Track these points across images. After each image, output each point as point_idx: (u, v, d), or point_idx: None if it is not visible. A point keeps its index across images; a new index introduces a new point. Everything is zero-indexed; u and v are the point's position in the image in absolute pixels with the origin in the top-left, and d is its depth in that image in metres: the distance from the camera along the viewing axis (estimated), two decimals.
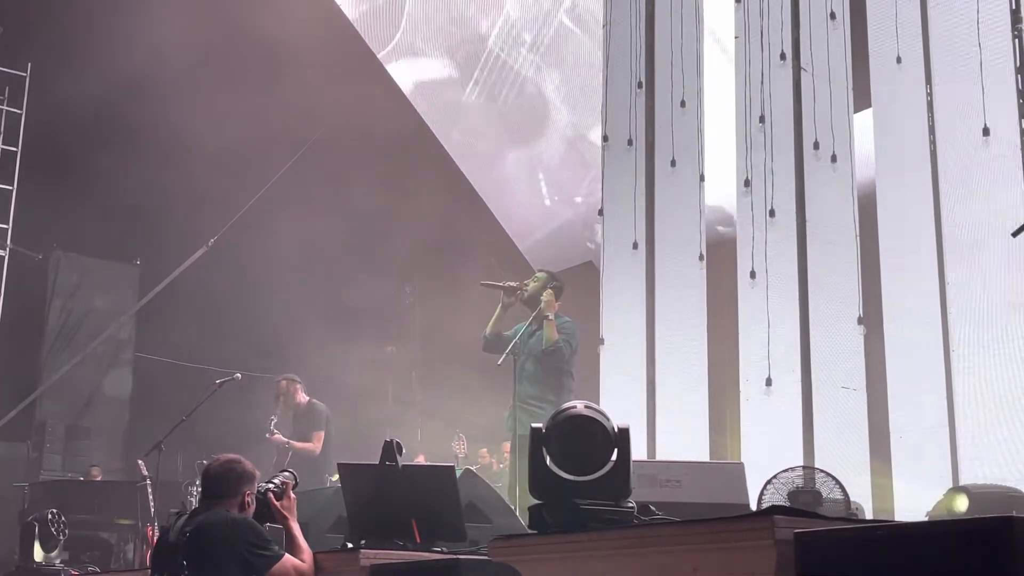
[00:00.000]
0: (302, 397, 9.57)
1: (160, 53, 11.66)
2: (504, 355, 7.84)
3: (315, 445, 9.28)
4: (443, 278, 12.81)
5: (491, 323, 8.13)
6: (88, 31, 11.48)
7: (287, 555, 4.52)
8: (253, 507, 4.62)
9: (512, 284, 8.12)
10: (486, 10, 13.77)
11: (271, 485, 4.79)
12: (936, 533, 2.50)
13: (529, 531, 3.98)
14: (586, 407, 3.95)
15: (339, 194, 12.65)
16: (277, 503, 4.73)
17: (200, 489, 4.85)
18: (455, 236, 13.38)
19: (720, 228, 10.40)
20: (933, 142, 8.10)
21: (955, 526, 2.54)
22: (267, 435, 9.29)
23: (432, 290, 13.66)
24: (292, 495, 4.81)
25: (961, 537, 2.37)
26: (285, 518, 4.72)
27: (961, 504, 6.18)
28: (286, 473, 4.99)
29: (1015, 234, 5.55)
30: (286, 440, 9.26)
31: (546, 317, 7.88)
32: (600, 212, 10.47)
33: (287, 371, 9.89)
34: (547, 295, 7.93)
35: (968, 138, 7.82)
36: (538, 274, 8.34)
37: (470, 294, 9.67)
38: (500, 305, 8.13)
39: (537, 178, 14.15)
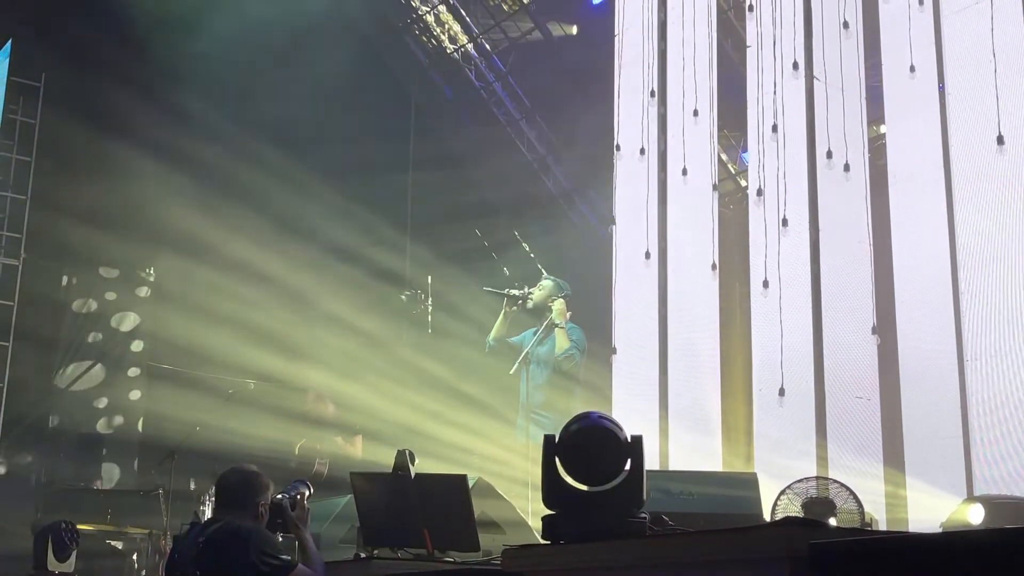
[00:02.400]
0: (332, 408, 9.75)
1: (171, 61, 11.72)
2: (517, 364, 7.89)
3: (357, 448, 9.46)
4: (454, 284, 12.82)
5: (493, 330, 8.17)
6: (101, 41, 11.51)
7: (300, 564, 4.53)
8: (266, 517, 4.64)
9: (515, 292, 8.15)
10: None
11: (284, 496, 4.80)
12: (952, 544, 2.49)
13: (542, 541, 3.97)
14: (599, 417, 3.94)
15: (347, 201, 12.65)
16: (290, 513, 4.74)
17: (214, 498, 4.86)
18: (466, 240, 13.40)
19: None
20: (947, 151, 8.08)
21: (972, 537, 2.52)
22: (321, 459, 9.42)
23: (442, 295, 13.66)
24: (306, 505, 4.82)
25: (978, 549, 2.36)
26: (298, 528, 4.74)
27: (976, 515, 6.15)
28: (300, 484, 5.00)
29: None
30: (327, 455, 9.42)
31: (557, 325, 7.92)
32: (612, 221, 10.47)
33: (302, 380, 10.00)
34: (559, 304, 8.00)
35: (982, 147, 7.80)
36: (543, 282, 8.39)
37: (481, 299, 9.69)
38: (502, 313, 8.17)
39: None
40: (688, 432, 9.31)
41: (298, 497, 4.82)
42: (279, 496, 4.79)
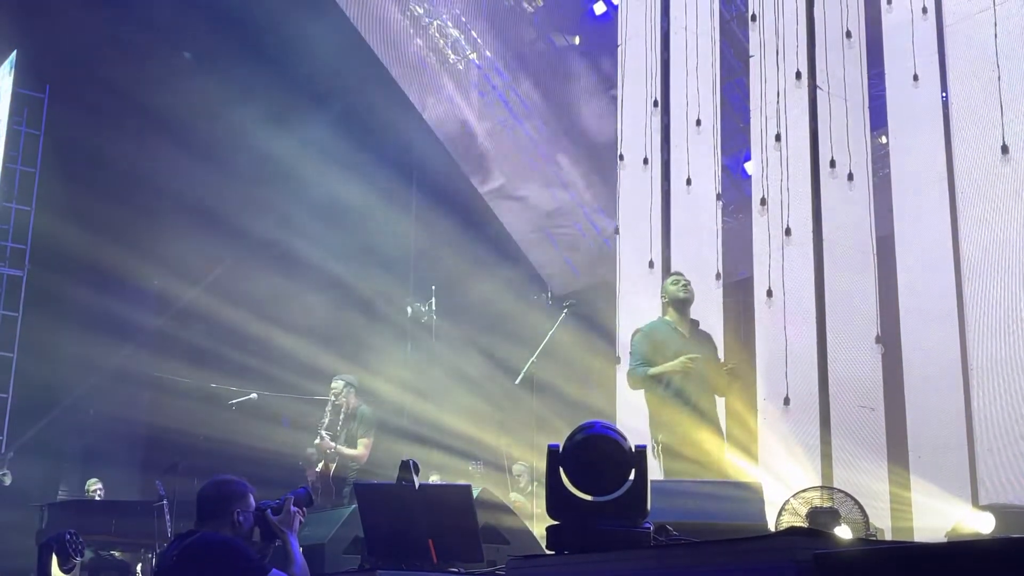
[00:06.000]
0: (354, 400, 9.49)
1: (177, 71, 11.75)
2: (522, 374, 7.92)
3: (362, 452, 9.25)
4: (461, 297, 12.83)
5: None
6: (105, 53, 11.55)
7: (274, 570, 4.53)
8: (246, 526, 4.66)
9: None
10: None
11: (272, 503, 4.82)
12: (959, 553, 2.48)
13: (547, 552, 3.96)
14: (603, 427, 3.94)
15: (357, 215, 12.68)
16: (273, 518, 4.76)
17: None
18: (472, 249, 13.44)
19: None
20: (950, 160, 8.08)
21: (978, 546, 2.52)
22: (316, 440, 9.20)
23: (451, 308, 13.69)
24: (292, 509, 4.81)
25: (985, 557, 2.35)
26: (283, 532, 4.75)
27: (987, 524, 6.12)
28: (295, 492, 4.99)
29: None
30: (333, 445, 9.17)
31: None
32: (616, 231, 10.47)
33: (307, 387, 9.90)
34: None
35: (986, 156, 7.80)
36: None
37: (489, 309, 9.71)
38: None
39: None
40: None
41: (286, 502, 4.84)
42: (267, 503, 4.81)
